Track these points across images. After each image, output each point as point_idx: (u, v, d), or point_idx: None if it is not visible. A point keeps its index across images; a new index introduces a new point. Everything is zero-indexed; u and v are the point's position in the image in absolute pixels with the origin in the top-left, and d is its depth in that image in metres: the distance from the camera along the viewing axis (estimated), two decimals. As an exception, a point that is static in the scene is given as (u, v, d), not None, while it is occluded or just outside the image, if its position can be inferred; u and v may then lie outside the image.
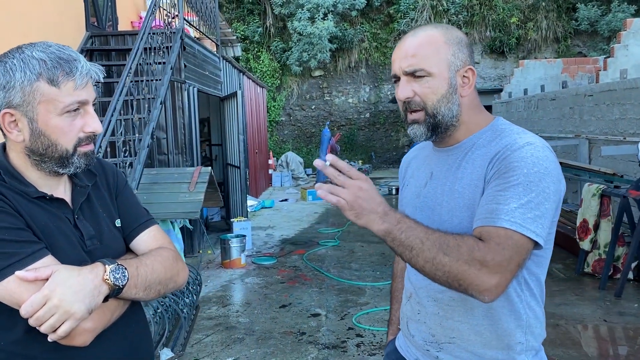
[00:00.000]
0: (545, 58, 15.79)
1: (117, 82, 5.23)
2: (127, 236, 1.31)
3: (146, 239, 1.31)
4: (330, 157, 1.12)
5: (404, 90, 1.26)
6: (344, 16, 17.23)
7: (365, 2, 16.78)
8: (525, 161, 1.15)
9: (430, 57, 1.23)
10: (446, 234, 1.13)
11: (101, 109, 5.77)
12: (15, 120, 1.12)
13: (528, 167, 1.14)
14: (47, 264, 1.07)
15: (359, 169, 15.69)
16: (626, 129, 7.03)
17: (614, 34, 15.75)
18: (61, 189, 1.22)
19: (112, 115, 4.74)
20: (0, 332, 1.10)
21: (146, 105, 5.49)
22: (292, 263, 6.36)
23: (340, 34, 16.98)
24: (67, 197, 1.23)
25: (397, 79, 1.29)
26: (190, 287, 4.37)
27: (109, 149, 5.28)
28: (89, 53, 6.52)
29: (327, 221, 9.15)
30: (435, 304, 1.32)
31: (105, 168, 1.35)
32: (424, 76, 1.23)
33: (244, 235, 6.39)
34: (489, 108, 11.56)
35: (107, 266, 1.10)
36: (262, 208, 10.40)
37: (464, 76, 1.26)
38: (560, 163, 8.43)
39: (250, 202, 9.50)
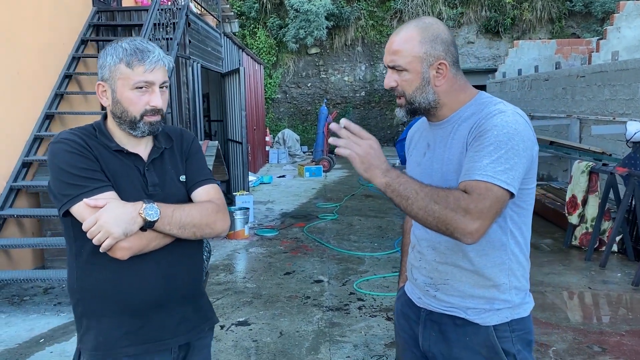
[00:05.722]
0: (540, 39, 15.96)
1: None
2: (189, 190, 1.63)
3: (200, 193, 1.63)
4: (344, 121, 1.36)
5: (388, 80, 1.54)
6: (340, -7, 17.24)
7: (362, -21, 16.79)
8: (496, 126, 1.38)
9: (405, 55, 1.48)
10: (437, 188, 1.37)
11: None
12: (105, 90, 1.53)
13: (498, 130, 1.37)
14: (108, 197, 1.43)
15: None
16: (616, 109, 7.29)
17: (607, 15, 15.91)
18: (142, 147, 1.59)
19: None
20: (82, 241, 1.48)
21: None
22: (293, 235, 6.62)
23: (337, 12, 17.02)
24: (145, 154, 1.59)
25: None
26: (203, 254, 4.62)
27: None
28: (96, 28, 6.64)
29: (324, 196, 9.40)
30: (434, 252, 1.58)
31: (183, 137, 1.70)
32: (402, 70, 1.50)
33: (247, 208, 6.62)
34: (483, 88, 11.74)
35: (145, 204, 1.42)
36: (261, 183, 10.63)
37: (438, 69, 1.48)
38: (552, 142, 8.57)
39: (250, 177, 9.71)
